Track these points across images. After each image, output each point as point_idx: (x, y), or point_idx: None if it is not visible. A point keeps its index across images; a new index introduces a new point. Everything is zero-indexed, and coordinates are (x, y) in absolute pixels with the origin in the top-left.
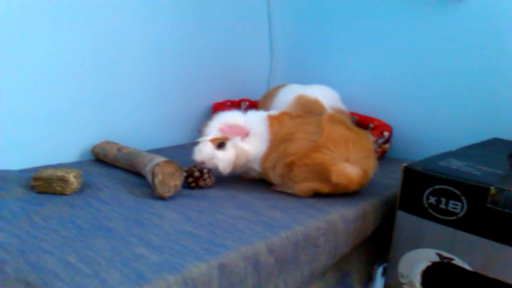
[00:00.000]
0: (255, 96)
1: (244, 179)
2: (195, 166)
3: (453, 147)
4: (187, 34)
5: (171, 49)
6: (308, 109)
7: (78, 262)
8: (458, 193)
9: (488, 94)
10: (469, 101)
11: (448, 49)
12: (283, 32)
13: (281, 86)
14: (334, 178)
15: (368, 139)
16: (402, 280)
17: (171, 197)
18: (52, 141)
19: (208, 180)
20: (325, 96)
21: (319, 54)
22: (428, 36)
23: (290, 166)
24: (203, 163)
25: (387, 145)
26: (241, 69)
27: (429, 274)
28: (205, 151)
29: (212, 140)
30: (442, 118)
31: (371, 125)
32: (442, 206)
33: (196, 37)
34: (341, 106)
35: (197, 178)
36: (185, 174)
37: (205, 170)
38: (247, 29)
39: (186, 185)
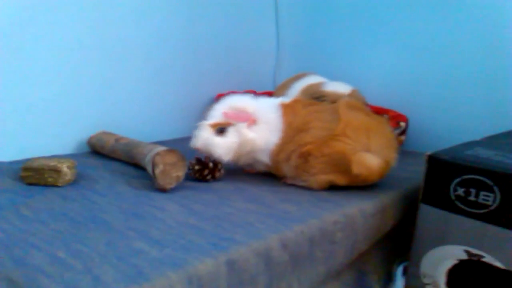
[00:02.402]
0: (261, 88)
1: (248, 173)
2: (207, 157)
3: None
4: (191, 23)
5: (174, 37)
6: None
7: (68, 258)
8: (491, 183)
9: (508, 85)
10: (489, 92)
11: (466, 38)
12: (290, 22)
13: (300, 76)
14: (355, 169)
15: (388, 127)
16: (425, 281)
17: (173, 189)
18: (47, 131)
19: (222, 171)
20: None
21: (327, 44)
22: (446, 25)
23: (305, 156)
24: (198, 149)
25: (403, 137)
26: (246, 60)
27: (455, 274)
28: (201, 137)
29: (212, 125)
30: (460, 110)
31: (387, 116)
32: (472, 198)
33: (201, 26)
34: None
35: (212, 169)
36: (197, 167)
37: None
38: (253, 19)
39: (201, 178)
